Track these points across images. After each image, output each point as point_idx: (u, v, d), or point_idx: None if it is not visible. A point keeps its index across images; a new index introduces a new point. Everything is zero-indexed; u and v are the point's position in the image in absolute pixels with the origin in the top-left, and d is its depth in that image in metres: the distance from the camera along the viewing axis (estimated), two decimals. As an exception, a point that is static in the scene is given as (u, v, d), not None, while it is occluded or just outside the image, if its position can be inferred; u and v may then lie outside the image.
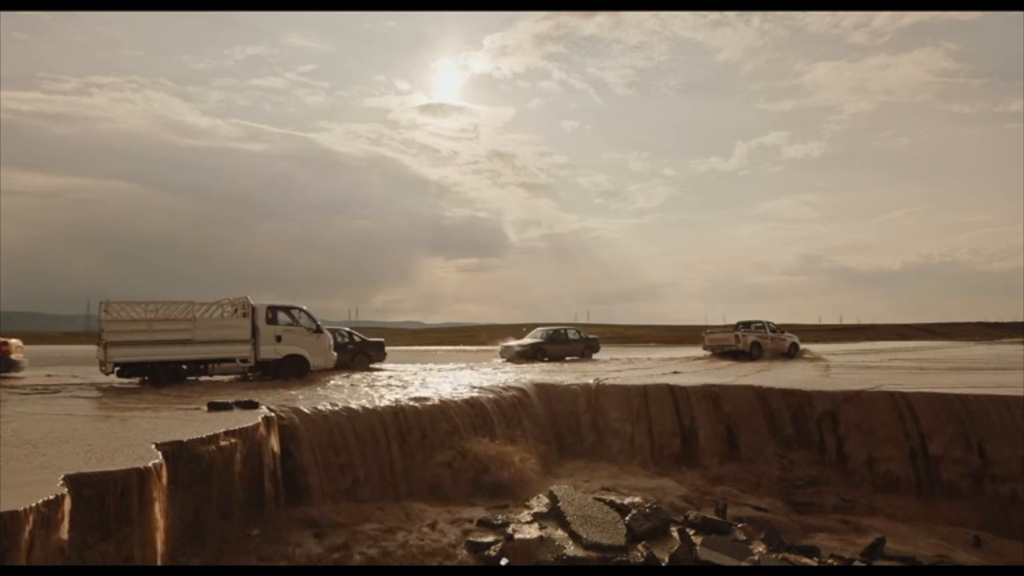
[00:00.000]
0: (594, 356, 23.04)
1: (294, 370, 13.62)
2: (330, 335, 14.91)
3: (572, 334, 23.27)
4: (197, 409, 8.44)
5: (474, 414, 10.14)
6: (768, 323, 22.76)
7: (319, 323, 14.31)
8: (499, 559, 6.87)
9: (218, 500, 6.33)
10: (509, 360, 20.91)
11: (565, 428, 12.14)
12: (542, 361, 20.64)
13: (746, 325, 22.40)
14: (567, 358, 21.79)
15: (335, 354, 14.83)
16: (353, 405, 9.22)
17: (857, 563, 8.02)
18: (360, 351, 17.12)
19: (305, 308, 14.30)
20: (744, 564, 7.28)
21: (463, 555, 6.87)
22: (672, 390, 12.60)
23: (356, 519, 7.62)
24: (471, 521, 7.77)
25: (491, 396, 10.96)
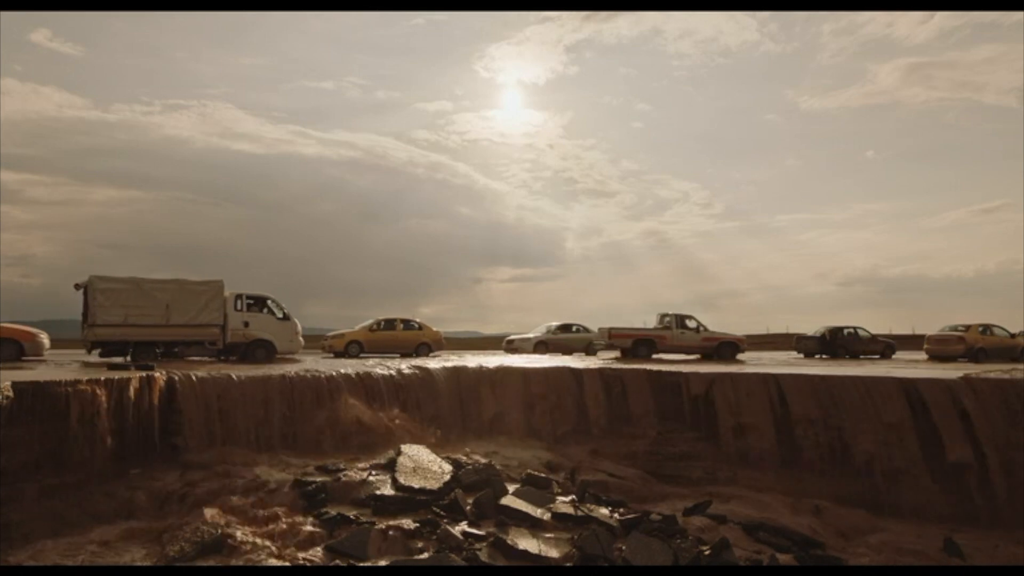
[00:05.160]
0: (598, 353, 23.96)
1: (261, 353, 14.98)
2: (298, 323, 16.10)
3: (575, 330, 24.69)
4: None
5: (362, 386, 11.37)
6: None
7: (286, 311, 15.74)
8: (319, 494, 8.07)
9: (81, 434, 7.80)
10: (511, 353, 22.08)
11: (469, 406, 13.18)
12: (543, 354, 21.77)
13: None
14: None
15: (302, 340, 16.21)
16: (246, 373, 10.63)
17: (678, 516, 8.80)
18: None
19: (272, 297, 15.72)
20: (548, 510, 8.28)
21: (287, 489, 8.11)
22: (572, 372, 13.55)
23: (222, 463, 8.98)
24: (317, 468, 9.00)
25: (386, 373, 12.17)
